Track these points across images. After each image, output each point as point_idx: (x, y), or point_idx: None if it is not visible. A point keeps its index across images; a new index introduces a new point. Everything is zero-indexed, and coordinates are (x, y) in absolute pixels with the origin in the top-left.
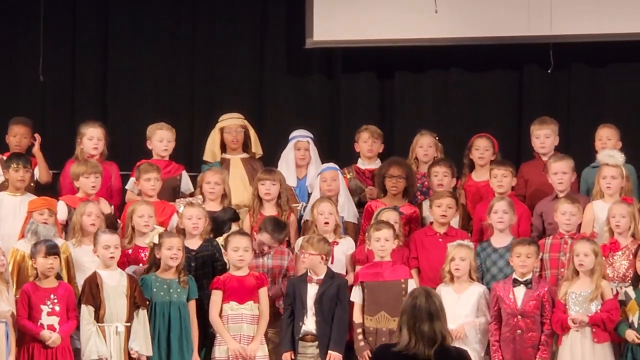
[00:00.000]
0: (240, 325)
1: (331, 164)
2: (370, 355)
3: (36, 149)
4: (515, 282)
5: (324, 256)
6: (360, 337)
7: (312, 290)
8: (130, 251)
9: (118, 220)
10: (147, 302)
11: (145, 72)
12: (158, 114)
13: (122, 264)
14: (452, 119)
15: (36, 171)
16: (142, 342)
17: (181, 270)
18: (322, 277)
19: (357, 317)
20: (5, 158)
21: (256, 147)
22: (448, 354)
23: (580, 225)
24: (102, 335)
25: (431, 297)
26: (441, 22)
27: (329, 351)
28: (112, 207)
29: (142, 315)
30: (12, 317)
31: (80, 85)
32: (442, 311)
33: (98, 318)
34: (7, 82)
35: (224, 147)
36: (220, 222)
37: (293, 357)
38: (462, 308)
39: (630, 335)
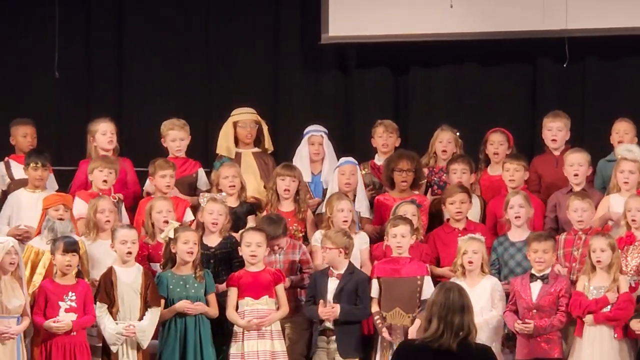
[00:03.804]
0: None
1: (350, 158)
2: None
3: None
4: (532, 277)
5: (342, 250)
6: (379, 322)
7: (332, 285)
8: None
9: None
10: (162, 300)
11: (159, 68)
12: (172, 110)
13: (141, 260)
14: (466, 114)
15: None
16: (144, 337)
17: (197, 265)
18: (342, 271)
19: (374, 308)
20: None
21: (268, 143)
22: (469, 348)
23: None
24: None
25: (463, 292)
26: (456, 16)
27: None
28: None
29: (153, 313)
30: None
31: (95, 82)
32: (472, 307)
33: (111, 315)
34: (22, 79)
35: (235, 141)
36: (239, 217)
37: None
38: (475, 302)
39: (635, 325)
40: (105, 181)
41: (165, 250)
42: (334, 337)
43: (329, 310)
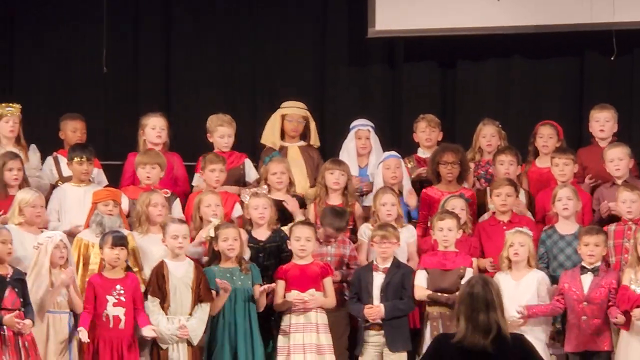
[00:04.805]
0: (300, 315)
1: (393, 152)
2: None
3: None
4: (583, 270)
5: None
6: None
7: (378, 279)
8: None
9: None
10: (214, 295)
11: (207, 63)
12: (220, 105)
13: None
14: (514, 107)
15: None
16: (195, 336)
17: (241, 259)
18: (388, 265)
19: (422, 292)
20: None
21: (315, 140)
22: (505, 343)
23: None
24: None
25: (488, 285)
26: (503, 10)
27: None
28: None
29: (203, 309)
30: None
31: (143, 77)
32: (498, 300)
33: (163, 310)
34: (71, 74)
35: (282, 134)
36: (287, 211)
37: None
38: (522, 295)
39: None
40: (148, 177)
41: (209, 248)
42: (382, 332)
43: (374, 311)
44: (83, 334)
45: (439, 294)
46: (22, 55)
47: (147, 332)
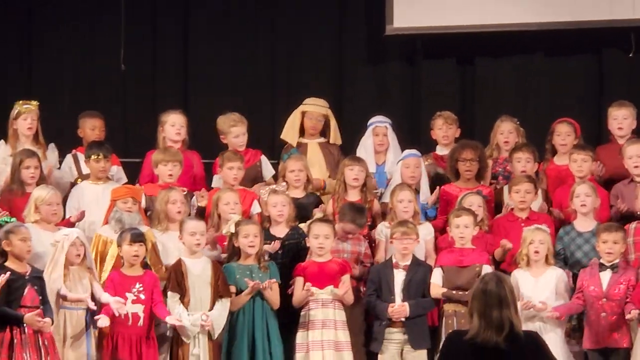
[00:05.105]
0: (318, 311)
1: (413, 151)
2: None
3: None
4: (602, 267)
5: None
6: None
7: (399, 277)
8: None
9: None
10: (232, 291)
11: (225, 61)
12: (238, 103)
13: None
14: (532, 104)
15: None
16: (217, 327)
17: (261, 256)
18: (408, 263)
19: (437, 290)
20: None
21: (335, 138)
22: (518, 340)
23: None
24: None
25: (501, 282)
26: (521, 7)
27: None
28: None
29: (224, 304)
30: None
31: (161, 75)
32: (512, 297)
33: (183, 306)
34: (88, 72)
35: (301, 130)
36: (305, 208)
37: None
38: (540, 292)
39: None
40: (170, 175)
41: (228, 244)
42: (403, 329)
43: (399, 310)
44: (104, 320)
45: (453, 292)
46: (41, 53)
47: (171, 320)
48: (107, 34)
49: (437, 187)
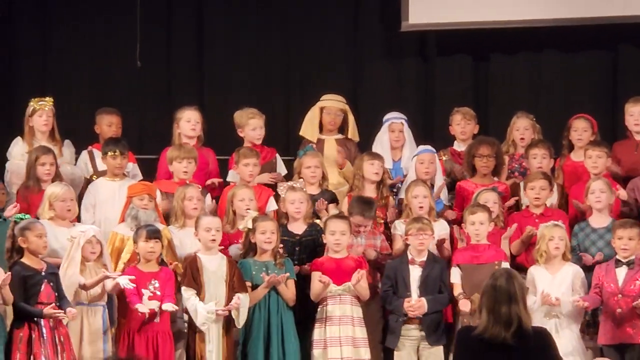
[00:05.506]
0: (335, 307)
1: (428, 147)
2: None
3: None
4: (618, 263)
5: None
6: (462, 296)
7: (415, 272)
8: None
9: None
10: (248, 287)
11: (240, 57)
12: (253, 99)
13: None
14: (547, 100)
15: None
16: (243, 314)
17: (277, 253)
18: (424, 259)
19: (457, 292)
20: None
21: (353, 133)
22: (526, 337)
23: None
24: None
25: (512, 278)
26: (536, 3)
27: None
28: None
29: (243, 299)
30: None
31: (177, 71)
32: (521, 293)
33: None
34: (104, 69)
35: (320, 126)
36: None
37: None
38: (557, 288)
39: None
40: (185, 172)
41: (245, 240)
42: (419, 326)
43: (417, 306)
44: (142, 307)
45: (464, 296)
46: (57, 50)
47: (167, 307)
48: (123, 31)
49: (442, 181)
